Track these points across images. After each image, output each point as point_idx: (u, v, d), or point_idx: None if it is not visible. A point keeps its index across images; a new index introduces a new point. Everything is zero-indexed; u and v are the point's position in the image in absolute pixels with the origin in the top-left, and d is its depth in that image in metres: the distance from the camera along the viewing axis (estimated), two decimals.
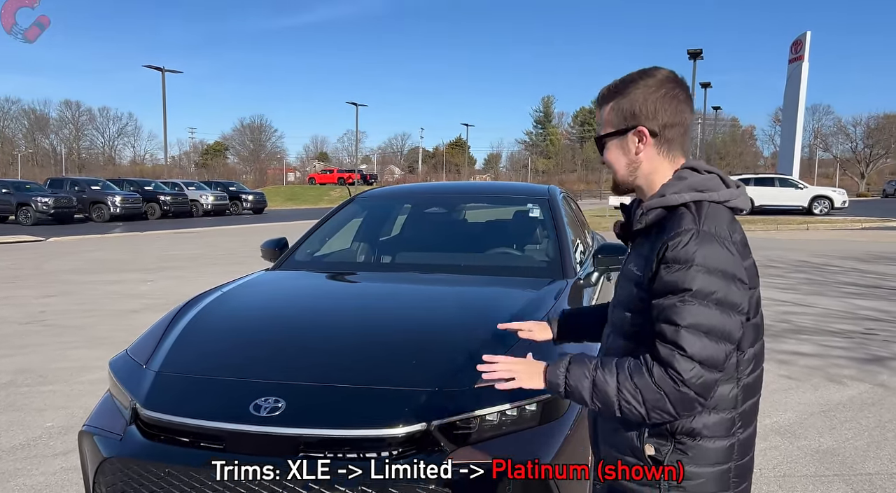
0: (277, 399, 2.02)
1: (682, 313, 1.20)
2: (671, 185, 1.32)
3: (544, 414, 2.06)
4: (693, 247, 1.22)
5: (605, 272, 3.33)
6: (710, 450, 1.29)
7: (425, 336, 2.47)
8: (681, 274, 1.21)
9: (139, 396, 2.18)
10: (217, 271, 11.49)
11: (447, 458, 1.92)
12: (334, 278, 3.48)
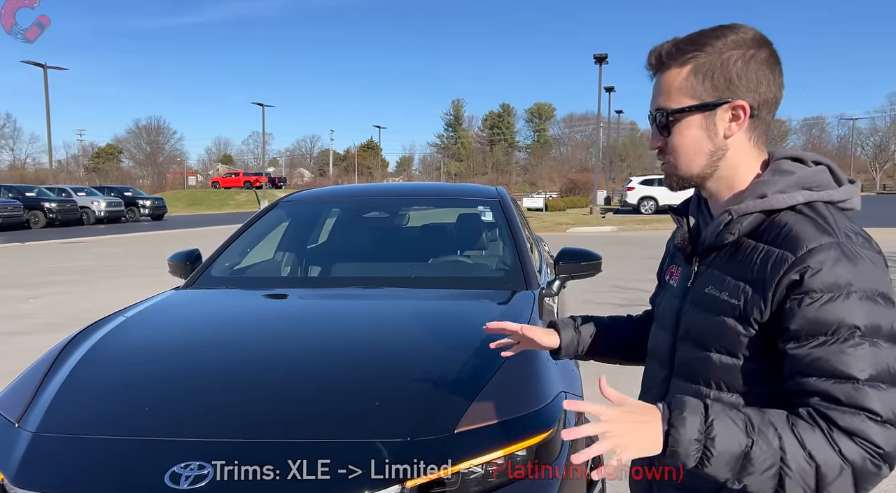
0: (202, 464, 1.54)
1: (855, 361, 0.87)
2: (772, 182, 0.99)
3: (538, 460, 1.69)
4: (842, 265, 0.89)
5: (565, 280, 3.02)
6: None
7: (388, 370, 2.03)
8: (838, 306, 0.88)
9: (7, 467, 1.63)
10: (112, 285, 10.43)
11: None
12: (263, 298, 2.94)
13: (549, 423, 1.75)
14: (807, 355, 0.90)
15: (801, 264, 0.91)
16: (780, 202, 0.97)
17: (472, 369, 1.92)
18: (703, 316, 1.03)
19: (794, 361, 0.91)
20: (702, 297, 1.04)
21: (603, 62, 29.60)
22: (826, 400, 0.89)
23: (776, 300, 0.93)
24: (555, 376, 1.97)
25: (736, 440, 0.87)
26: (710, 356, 1.01)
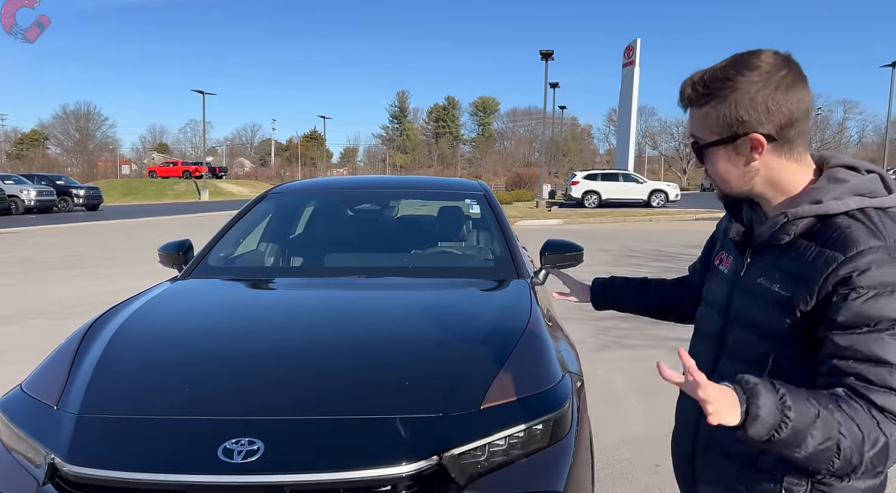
0: (252, 440, 1.65)
1: (892, 349, 1.01)
2: (827, 189, 1.11)
3: (552, 434, 1.87)
4: (891, 268, 1.02)
5: (550, 270, 3.21)
6: (858, 489, 1.13)
7: (411, 353, 2.16)
8: (884, 301, 1.01)
9: (57, 447, 1.68)
10: (58, 276, 10.06)
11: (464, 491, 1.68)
12: (271, 287, 3.01)
13: (562, 400, 1.93)
14: (849, 342, 1.03)
15: (850, 263, 1.03)
16: (834, 208, 1.09)
17: (488, 351, 2.08)
18: (754, 304, 1.17)
19: (835, 347, 1.04)
20: (753, 286, 1.18)
21: (549, 58, 30.13)
22: (862, 380, 1.02)
23: (822, 294, 1.05)
24: (559, 357, 2.16)
25: (809, 409, 0.99)
26: (757, 341, 1.16)
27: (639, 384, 4.72)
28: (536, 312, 2.39)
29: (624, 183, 28.89)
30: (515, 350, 2.07)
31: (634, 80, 35.95)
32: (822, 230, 1.10)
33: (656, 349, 5.69)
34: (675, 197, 28.75)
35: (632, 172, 31.79)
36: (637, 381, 4.80)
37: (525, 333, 2.19)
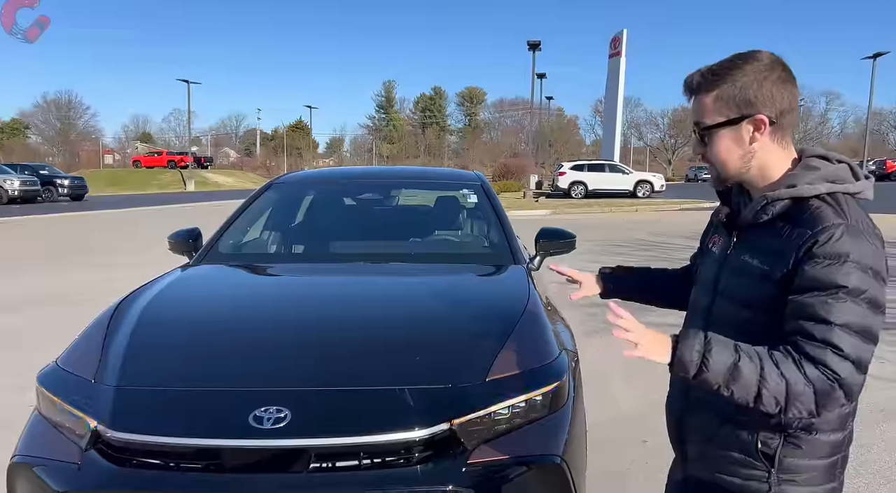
0: (280, 409, 1.81)
1: (835, 310, 1.16)
2: (801, 175, 1.27)
3: (551, 405, 2.05)
4: (846, 242, 1.17)
5: (545, 257, 3.39)
6: (824, 443, 1.29)
7: (420, 331, 2.34)
8: (834, 270, 1.16)
9: (100, 415, 1.84)
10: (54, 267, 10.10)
11: (469, 457, 1.85)
12: (282, 272, 3.17)
13: (560, 373, 2.11)
14: (801, 303, 1.19)
15: (814, 237, 1.18)
16: (807, 192, 1.24)
17: (491, 330, 2.26)
18: (738, 279, 1.32)
19: (791, 307, 1.21)
20: (738, 263, 1.33)
21: (536, 49, 30.26)
22: (804, 336, 1.18)
23: (793, 265, 1.21)
24: (556, 336, 2.34)
25: (727, 355, 1.19)
26: (741, 311, 1.30)
27: (625, 367, 4.92)
28: (534, 294, 2.56)
29: (610, 174, 29.15)
30: (517, 328, 2.25)
31: (620, 71, 36.14)
32: (796, 212, 1.25)
33: None
34: (660, 188, 29.08)
35: (618, 162, 32.05)
36: (623, 364, 4.99)
37: (525, 313, 2.37)
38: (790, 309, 1.21)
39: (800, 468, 1.29)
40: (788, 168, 1.32)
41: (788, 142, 1.33)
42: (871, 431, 3.70)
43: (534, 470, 1.88)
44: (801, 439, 1.28)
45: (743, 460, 1.32)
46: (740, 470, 1.34)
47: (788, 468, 1.29)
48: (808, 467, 1.29)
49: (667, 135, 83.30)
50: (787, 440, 1.29)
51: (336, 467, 1.77)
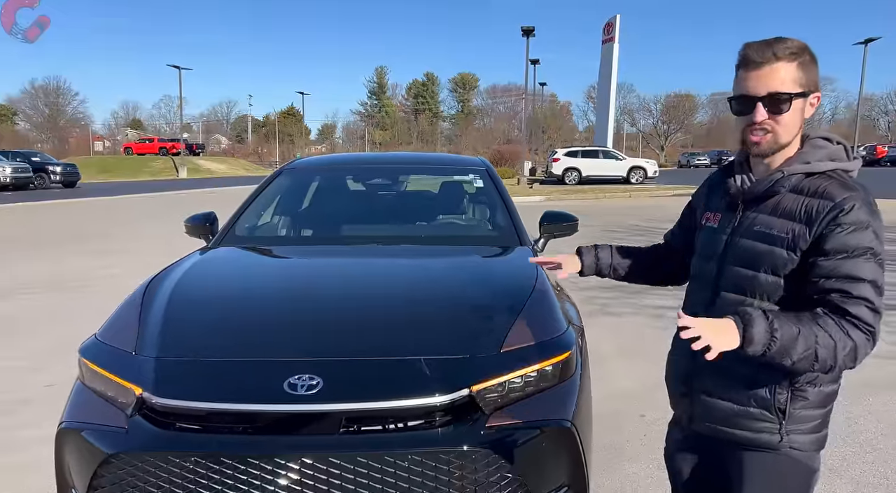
0: (312, 377, 1.95)
1: (866, 269, 1.32)
2: (812, 153, 1.43)
3: (560, 374, 2.19)
4: (864, 210, 1.33)
5: (549, 239, 3.54)
6: (825, 394, 1.45)
7: (437, 306, 2.48)
8: (860, 235, 1.32)
9: (145, 383, 1.97)
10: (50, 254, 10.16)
11: (487, 421, 1.99)
12: (300, 252, 3.29)
13: (568, 346, 2.25)
14: (834, 265, 1.33)
15: (839, 208, 1.33)
16: (818, 168, 1.40)
17: (504, 305, 2.40)
18: (754, 246, 1.43)
19: (822, 269, 1.33)
20: (752, 233, 1.44)
21: (530, 35, 30.24)
22: (841, 294, 1.31)
23: (817, 233, 1.34)
24: (564, 312, 2.48)
25: (792, 330, 1.29)
26: (758, 276, 1.42)
27: (622, 347, 5.10)
28: (542, 273, 2.70)
29: (604, 160, 29.28)
30: (527, 304, 2.40)
31: (614, 57, 36.12)
32: (806, 186, 1.40)
33: (637, 316, 6.08)
34: (653, 174, 29.26)
35: (611, 149, 32.17)
36: (620, 344, 5.17)
37: (534, 290, 2.51)
38: (820, 270, 1.34)
39: (805, 417, 1.45)
40: (798, 148, 1.46)
41: None
42: (858, 404, 3.88)
43: (546, 433, 2.03)
44: (807, 392, 1.43)
45: (759, 414, 1.46)
46: (754, 424, 1.47)
47: (797, 419, 1.45)
48: (812, 416, 1.45)
49: (660, 121, 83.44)
50: (795, 394, 1.43)
51: (364, 429, 1.91)
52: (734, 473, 1.53)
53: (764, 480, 1.49)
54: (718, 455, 1.57)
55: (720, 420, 1.53)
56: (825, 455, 3.16)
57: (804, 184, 1.42)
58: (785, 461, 1.47)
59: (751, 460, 1.50)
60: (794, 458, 1.47)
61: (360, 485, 1.85)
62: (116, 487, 1.91)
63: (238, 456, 1.84)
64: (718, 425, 1.54)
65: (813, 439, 1.47)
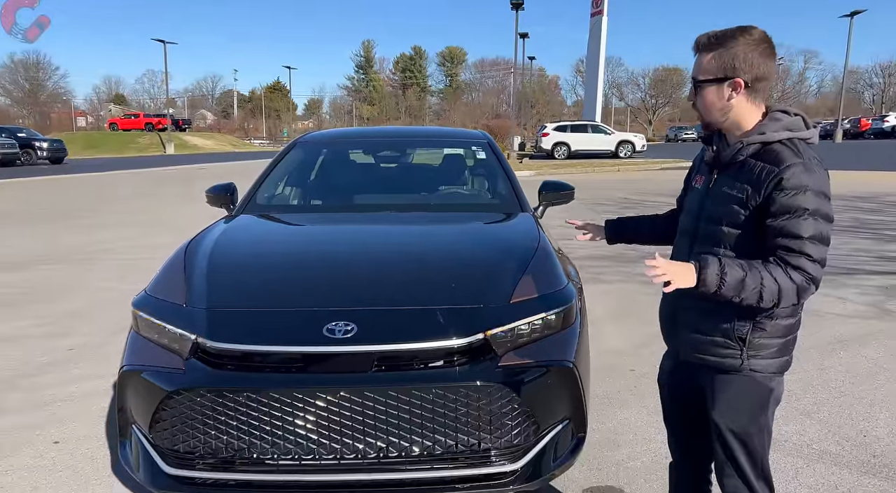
0: (347, 323, 2.22)
1: (805, 227, 1.56)
2: (769, 125, 1.65)
3: (563, 323, 2.46)
4: (805, 175, 1.57)
5: (547, 206, 3.80)
6: (782, 326, 1.71)
7: (453, 264, 2.76)
8: (799, 197, 1.56)
9: (199, 330, 2.23)
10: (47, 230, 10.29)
11: (499, 361, 2.27)
12: (322, 219, 3.54)
13: (569, 298, 2.53)
14: (779, 225, 1.57)
15: (782, 173, 1.56)
16: (772, 137, 1.63)
17: (512, 262, 2.68)
18: (719, 205, 1.70)
19: (771, 229, 1.59)
20: (719, 193, 1.71)
21: (519, 8, 30.12)
22: (785, 250, 1.57)
23: (765, 194, 1.59)
24: (565, 270, 2.76)
25: (739, 273, 1.57)
26: (722, 229, 1.69)
27: (614, 311, 5.40)
28: (543, 235, 2.98)
29: (592, 134, 29.49)
30: (532, 262, 2.67)
31: (602, 31, 36.09)
32: (764, 153, 1.65)
33: (628, 284, 6.38)
34: (641, 148, 29.55)
35: (600, 123, 32.36)
36: (612, 308, 5.48)
37: (538, 250, 2.79)
38: (770, 229, 1.61)
39: (764, 345, 1.73)
40: (759, 120, 1.71)
41: (760, 103, 1.71)
42: (830, 357, 4.22)
43: (550, 372, 2.31)
44: (765, 324, 1.71)
45: (723, 342, 1.75)
46: (720, 350, 1.76)
47: (756, 346, 1.73)
48: (770, 344, 1.73)
49: (648, 95, 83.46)
50: (755, 326, 1.71)
51: (393, 367, 2.19)
52: (708, 391, 1.83)
53: (730, 396, 1.78)
54: (698, 378, 1.87)
55: (696, 349, 1.82)
56: (799, 399, 3.52)
57: (762, 151, 1.65)
58: (747, 381, 1.76)
59: (720, 380, 1.79)
60: (755, 379, 1.76)
61: (391, 415, 2.14)
62: (177, 419, 2.18)
63: (284, 390, 2.11)
64: (696, 353, 1.83)
65: (772, 363, 1.75)
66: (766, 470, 1.84)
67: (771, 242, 1.62)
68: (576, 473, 2.81)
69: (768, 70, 1.66)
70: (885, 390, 3.72)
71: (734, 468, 1.82)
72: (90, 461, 2.96)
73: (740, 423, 1.79)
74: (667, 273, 1.59)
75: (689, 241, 1.83)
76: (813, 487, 2.73)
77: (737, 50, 1.63)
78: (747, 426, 1.79)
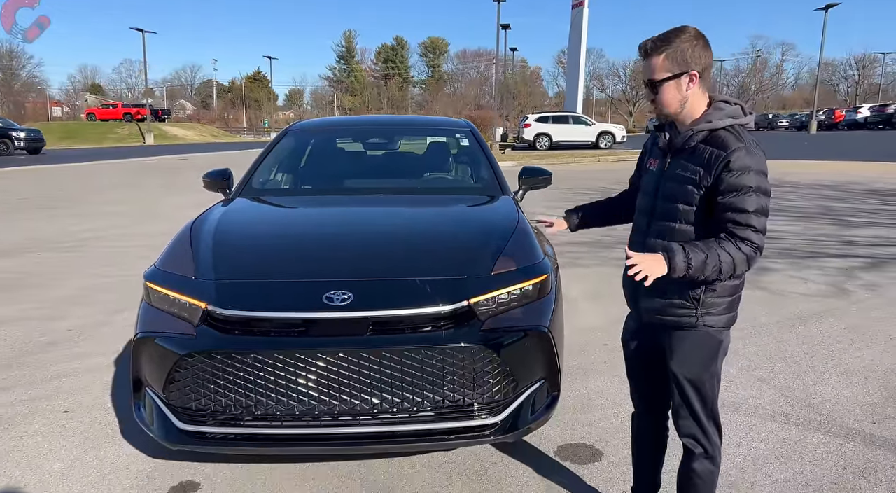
0: (345, 292, 2.45)
1: (749, 202, 1.80)
2: (714, 113, 1.89)
3: (539, 293, 2.72)
4: (747, 158, 1.80)
5: (526, 190, 4.05)
6: (728, 287, 1.95)
7: (440, 239, 3.03)
8: (743, 177, 1.80)
9: (209, 299, 2.46)
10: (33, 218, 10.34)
11: (482, 326, 2.52)
12: (316, 202, 3.77)
13: (545, 270, 2.79)
14: (727, 201, 1.80)
15: (728, 157, 1.79)
16: (718, 125, 1.85)
17: (492, 239, 2.94)
18: (675, 185, 1.92)
19: (720, 205, 1.82)
20: (674, 175, 1.93)
21: (502, 0, 30.30)
22: (733, 223, 1.80)
23: (714, 175, 1.82)
24: (542, 247, 3.02)
25: (701, 256, 1.80)
26: (678, 206, 1.91)
27: (590, 292, 5.69)
28: (522, 217, 3.24)
29: (573, 125, 29.81)
30: (511, 238, 2.94)
31: (584, 22, 36.30)
32: (711, 139, 1.87)
33: (604, 267, 6.68)
34: (621, 139, 29.94)
35: (581, 114, 32.69)
36: (589, 290, 5.77)
37: (517, 228, 3.05)
38: (720, 205, 1.84)
39: (715, 304, 1.98)
40: (705, 109, 1.96)
41: (706, 91, 1.95)
42: (788, 332, 4.54)
43: (528, 335, 2.57)
44: (715, 286, 1.96)
45: (680, 303, 2.00)
46: (677, 311, 2.01)
47: (708, 305, 1.98)
48: (719, 303, 1.99)
49: (628, 86, 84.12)
50: (707, 288, 1.97)
51: (386, 331, 2.43)
52: (667, 346, 2.08)
53: (686, 349, 2.04)
54: (657, 337, 2.13)
55: (657, 311, 2.07)
56: (758, 368, 3.82)
57: (710, 137, 1.89)
58: (701, 336, 2.02)
59: (677, 336, 2.05)
60: (708, 333, 2.01)
61: (384, 374, 2.38)
62: (189, 380, 2.40)
63: (288, 352, 2.35)
64: (657, 315, 2.08)
65: (721, 318, 2.01)
66: (716, 412, 2.11)
67: (720, 215, 1.87)
68: (551, 432, 3.08)
69: (710, 61, 1.92)
70: (836, 359, 4.04)
71: (688, 411, 2.08)
72: (100, 426, 3.17)
73: (695, 371, 2.05)
74: (643, 269, 1.82)
75: (647, 219, 2.07)
76: (764, 440, 3.03)
77: (684, 46, 1.87)
78: (701, 373, 2.05)
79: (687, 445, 2.12)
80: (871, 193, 12.53)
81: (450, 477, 2.73)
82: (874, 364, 3.95)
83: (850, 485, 2.66)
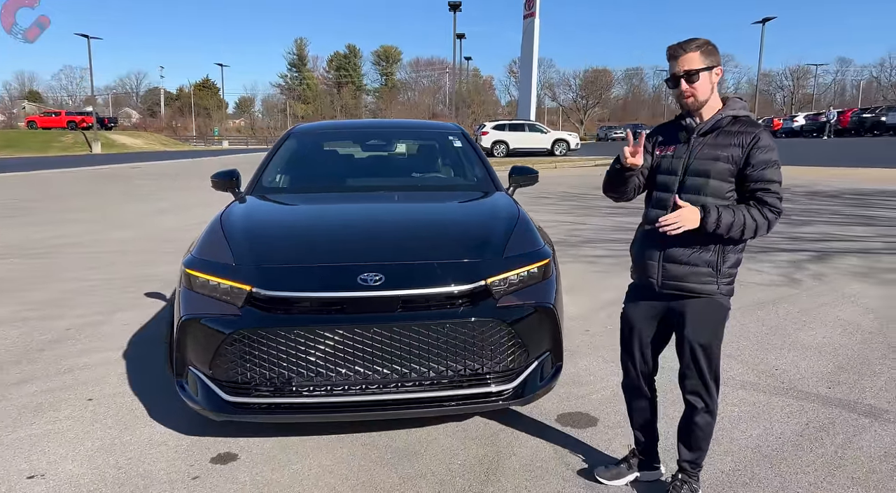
0: (377, 274, 2.73)
1: (776, 174, 2.21)
2: (735, 103, 2.30)
3: (543, 275, 3.05)
4: (769, 138, 2.22)
5: (517, 187, 4.39)
6: (737, 259, 2.31)
7: (455, 228, 3.37)
8: (770, 153, 2.20)
9: (252, 282, 2.69)
10: None
11: (497, 303, 2.83)
12: (329, 198, 4.00)
13: (547, 255, 3.13)
14: (758, 174, 2.18)
15: (759, 136, 2.19)
16: (739, 113, 2.26)
17: (500, 228, 3.28)
18: (706, 163, 2.24)
19: (751, 177, 2.19)
20: (704, 154, 2.25)
21: (457, 10, 30.85)
22: (763, 191, 2.18)
23: (746, 151, 2.20)
24: (542, 235, 3.36)
25: (730, 215, 2.15)
26: (710, 181, 2.24)
27: (566, 287, 6.03)
28: (521, 209, 3.57)
29: (530, 133, 30.50)
30: (516, 227, 3.28)
31: (535, 32, 37.13)
32: (735, 123, 2.27)
33: (576, 264, 7.09)
34: (575, 146, 30.80)
35: (536, 122, 33.46)
36: (565, 285, 6.14)
37: (519, 218, 3.40)
38: (749, 177, 2.21)
39: (728, 273, 2.32)
40: (723, 102, 2.31)
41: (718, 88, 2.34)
42: (749, 316, 5.01)
43: (537, 311, 2.89)
44: (728, 255, 2.30)
45: (706, 271, 2.30)
46: (702, 278, 2.31)
47: (724, 274, 2.31)
48: (730, 273, 2.33)
49: (579, 96, 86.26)
50: (724, 257, 2.30)
51: (413, 308, 2.71)
52: (686, 313, 2.36)
53: (702, 316, 2.34)
54: (671, 305, 2.40)
55: (681, 277, 2.34)
56: (727, 346, 4.25)
57: (734, 121, 2.28)
58: (716, 303, 2.34)
59: (697, 303, 2.34)
60: (721, 301, 2.35)
61: (413, 346, 2.66)
62: (236, 355, 2.63)
63: (328, 328, 2.60)
64: (679, 282, 2.35)
65: (729, 289, 2.35)
66: (718, 372, 2.43)
67: (749, 185, 2.22)
68: (549, 404, 3.41)
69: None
70: (793, 338, 4.51)
71: (696, 372, 2.39)
72: (128, 411, 3.33)
73: (707, 336, 2.35)
74: (679, 220, 2.17)
75: (670, 195, 2.33)
76: (737, 404, 3.43)
77: (710, 47, 2.26)
78: (711, 339, 2.36)
79: (690, 400, 2.43)
80: (813, 195, 13.44)
81: (465, 442, 3.02)
82: (826, 341, 4.44)
83: (813, 436, 3.07)
